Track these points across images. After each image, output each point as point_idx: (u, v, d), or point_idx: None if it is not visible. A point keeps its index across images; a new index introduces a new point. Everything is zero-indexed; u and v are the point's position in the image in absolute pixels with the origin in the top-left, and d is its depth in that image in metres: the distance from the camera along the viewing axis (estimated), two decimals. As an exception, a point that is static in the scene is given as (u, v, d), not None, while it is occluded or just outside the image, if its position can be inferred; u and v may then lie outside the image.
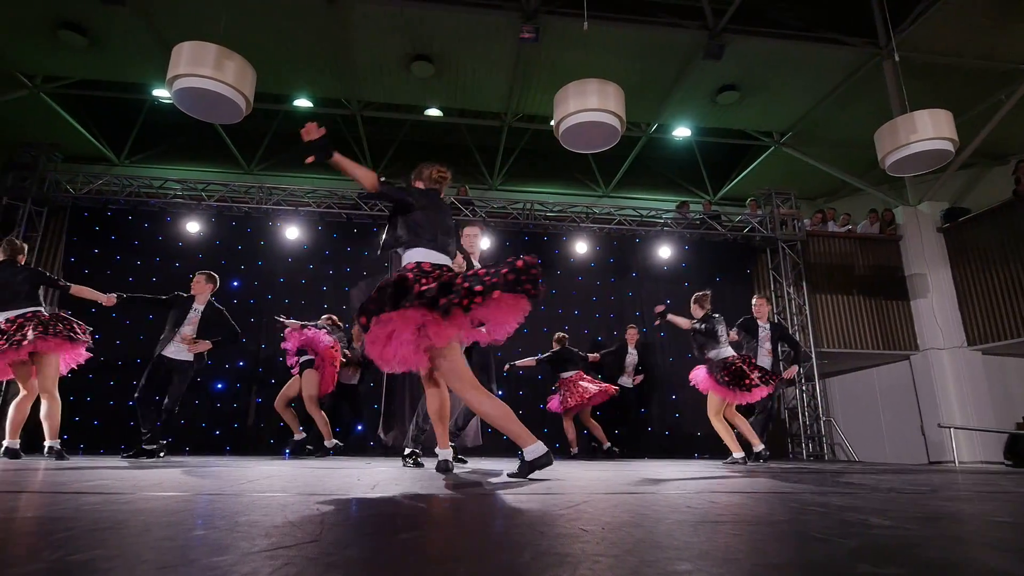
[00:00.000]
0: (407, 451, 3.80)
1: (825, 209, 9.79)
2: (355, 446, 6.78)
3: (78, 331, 4.19)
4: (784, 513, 1.50)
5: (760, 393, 4.90)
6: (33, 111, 8.33)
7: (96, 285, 4.75)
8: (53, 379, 4.18)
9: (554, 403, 6.65)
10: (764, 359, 5.40)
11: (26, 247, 4.52)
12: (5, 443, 4.08)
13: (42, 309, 4.22)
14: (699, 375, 5.20)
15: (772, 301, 8.39)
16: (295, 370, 5.83)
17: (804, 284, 8.33)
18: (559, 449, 6.66)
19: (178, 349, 4.75)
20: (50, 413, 4.15)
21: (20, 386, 4.23)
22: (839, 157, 9.26)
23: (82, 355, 4.30)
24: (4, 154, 7.48)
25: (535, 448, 2.52)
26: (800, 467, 4.83)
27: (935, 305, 8.45)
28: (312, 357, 5.73)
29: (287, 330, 5.86)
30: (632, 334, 7.14)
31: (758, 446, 5.06)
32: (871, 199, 9.62)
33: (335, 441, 5.89)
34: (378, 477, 2.63)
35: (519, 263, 2.48)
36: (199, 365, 4.88)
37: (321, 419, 5.75)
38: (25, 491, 1.90)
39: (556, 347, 6.67)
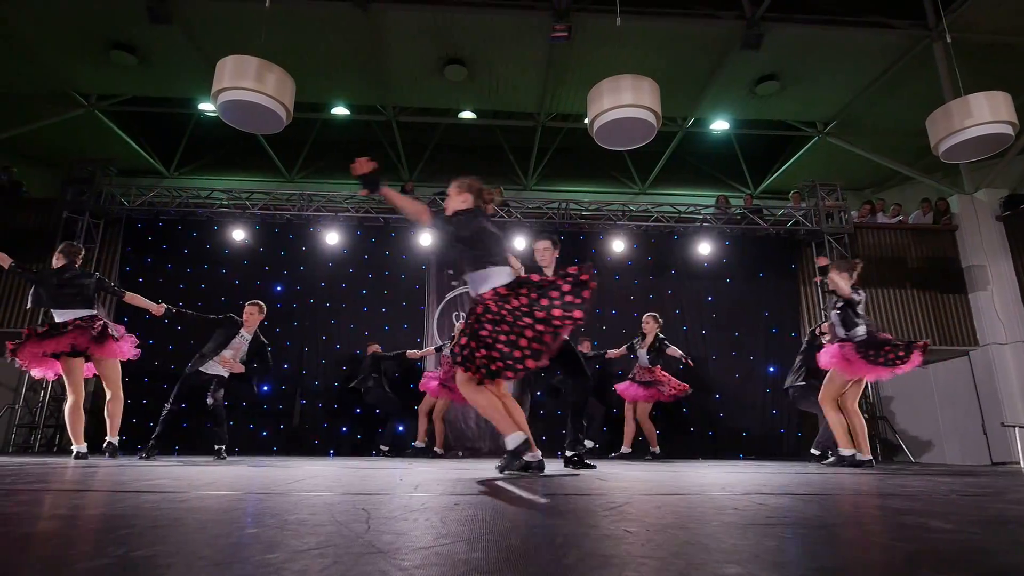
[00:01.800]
0: (570, 454, 3.74)
1: (874, 200, 9.41)
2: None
3: (110, 333, 4.37)
4: (838, 516, 1.45)
5: (913, 363, 4.39)
6: (89, 128, 8.78)
7: (149, 293, 4.98)
8: (116, 379, 4.49)
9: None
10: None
11: (83, 250, 4.77)
12: (74, 448, 4.32)
13: (97, 314, 4.44)
14: (831, 352, 4.67)
15: (819, 296, 8.13)
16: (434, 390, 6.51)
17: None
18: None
19: (215, 367, 5.05)
20: (115, 411, 4.47)
21: (68, 389, 4.36)
22: (887, 145, 8.89)
23: (124, 352, 4.47)
24: (63, 170, 7.89)
25: (515, 437, 2.74)
26: (853, 468, 4.65)
27: (996, 298, 8.02)
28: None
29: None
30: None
31: (866, 454, 4.65)
32: (923, 188, 9.20)
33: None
34: (420, 478, 2.67)
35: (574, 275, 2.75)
36: (227, 383, 5.16)
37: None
38: (89, 490, 2.00)
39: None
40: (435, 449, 6.63)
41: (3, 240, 7.54)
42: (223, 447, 5.03)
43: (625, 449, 6.48)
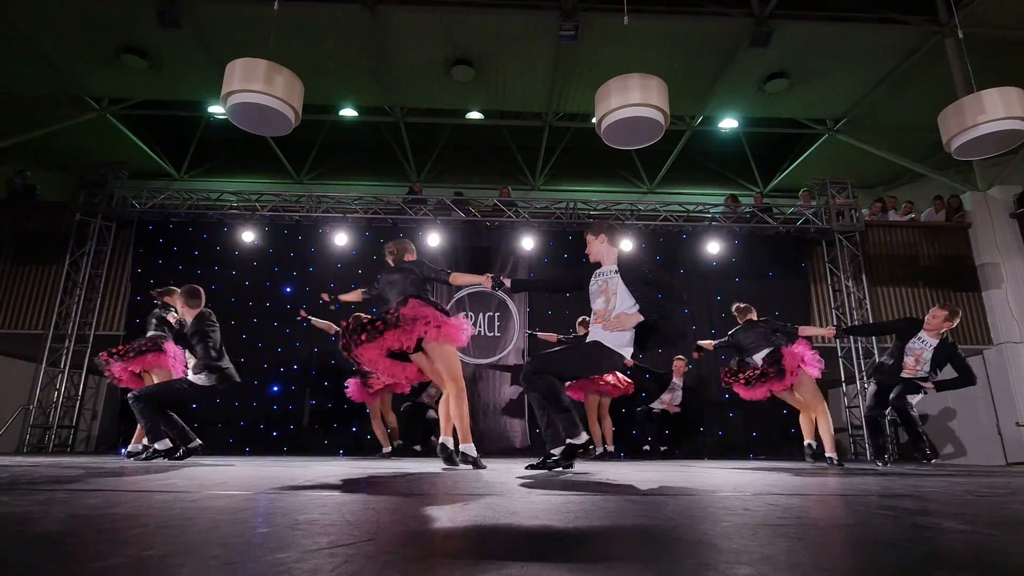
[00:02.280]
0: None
1: (885, 198, 9.32)
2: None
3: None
4: (850, 517, 1.43)
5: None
6: (101, 132, 8.88)
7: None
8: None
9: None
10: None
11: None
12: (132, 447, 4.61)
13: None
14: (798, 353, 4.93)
15: (830, 295, 8.07)
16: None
17: (864, 277, 7.96)
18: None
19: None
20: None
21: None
22: (898, 143, 8.80)
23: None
24: (76, 173, 7.98)
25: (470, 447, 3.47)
26: (865, 468, 4.62)
27: (1010, 296, 7.92)
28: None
29: None
30: (679, 366, 6.87)
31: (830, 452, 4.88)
32: (935, 185, 9.11)
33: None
34: (433, 478, 2.67)
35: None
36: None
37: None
38: (102, 489, 2.02)
39: (581, 331, 6.55)
40: (395, 443, 6.48)
41: (18, 243, 7.67)
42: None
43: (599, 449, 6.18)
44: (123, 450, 4.81)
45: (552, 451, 3.18)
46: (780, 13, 6.51)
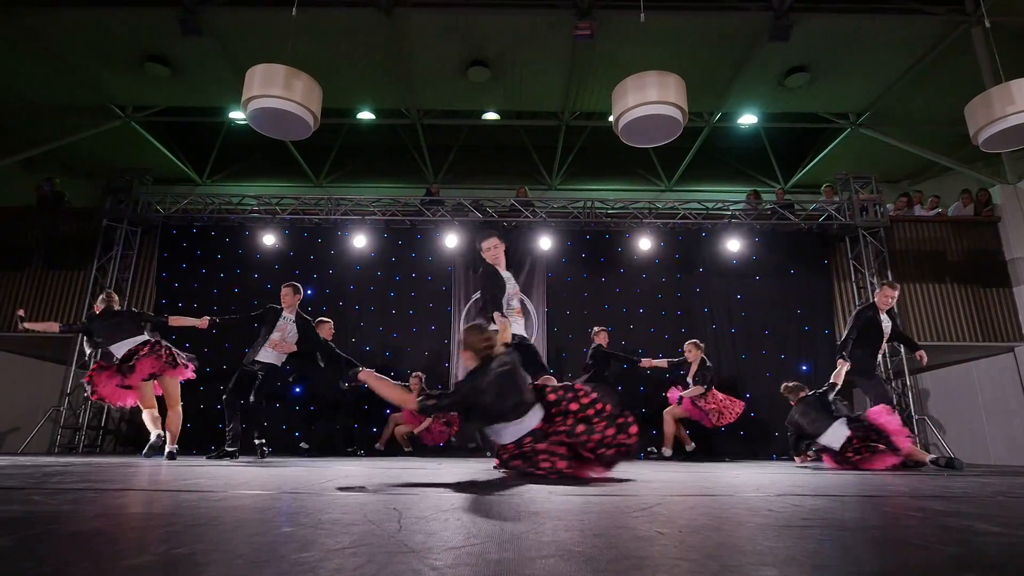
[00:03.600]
0: None
1: (910, 192, 9.12)
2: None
3: (178, 360, 4.84)
4: (877, 518, 1.40)
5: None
6: (126, 139, 9.08)
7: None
8: (176, 395, 4.93)
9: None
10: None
11: (115, 296, 5.28)
12: (168, 448, 4.72)
13: (149, 337, 4.86)
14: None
15: (854, 292, 7.92)
16: None
17: (889, 273, 7.80)
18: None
19: (267, 354, 5.15)
20: (174, 422, 4.87)
21: (141, 404, 4.89)
22: (924, 136, 8.61)
23: (186, 374, 4.95)
24: (102, 180, 8.17)
25: None
26: (891, 470, 4.52)
27: (1043, 291, 7.69)
28: None
29: None
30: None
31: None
32: (963, 179, 8.88)
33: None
34: (448, 478, 2.68)
35: None
36: (283, 370, 5.35)
37: None
38: (131, 489, 2.06)
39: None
40: (377, 446, 6.89)
41: (48, 248, 7.88)
42: (262, 443, 5.11)
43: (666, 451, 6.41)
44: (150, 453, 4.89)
45: None
46: (800, 6, 6.41)
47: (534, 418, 2.78)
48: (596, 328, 6.74)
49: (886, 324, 5.14)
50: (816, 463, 4.99)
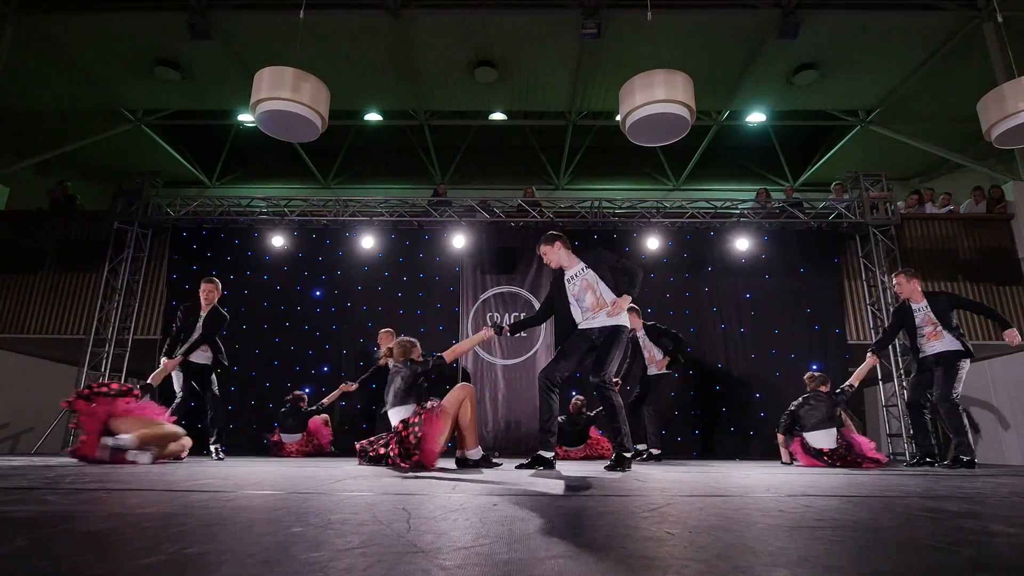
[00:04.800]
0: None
1: (921, 190, 9.03)
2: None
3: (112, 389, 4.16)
4: (890, 519, 1.39)
5: None
6: (136, 142, 9.18)
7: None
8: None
9: None
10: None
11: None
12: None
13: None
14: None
15: (864, 291, 7.85)
16: None
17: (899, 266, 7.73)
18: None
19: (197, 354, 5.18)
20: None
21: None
22: (935, 132, 8.53)
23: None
24: (114, 183, 8.26)
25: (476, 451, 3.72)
26: (904, 470, 4.48)
27: (1057, 289, 7.59)
28: None
29: None
30: (634, 320, 5.86)
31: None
32: (975, 176, 8.79)
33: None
34: (460, 481, 2.68)
35: None
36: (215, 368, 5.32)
37: None
38: (142, 489, 2.08)
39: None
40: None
41: (60, 251, 7.97)
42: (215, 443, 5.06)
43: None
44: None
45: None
46: (808, 2, 6.37)
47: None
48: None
49: (919, 313, 5.13)
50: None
